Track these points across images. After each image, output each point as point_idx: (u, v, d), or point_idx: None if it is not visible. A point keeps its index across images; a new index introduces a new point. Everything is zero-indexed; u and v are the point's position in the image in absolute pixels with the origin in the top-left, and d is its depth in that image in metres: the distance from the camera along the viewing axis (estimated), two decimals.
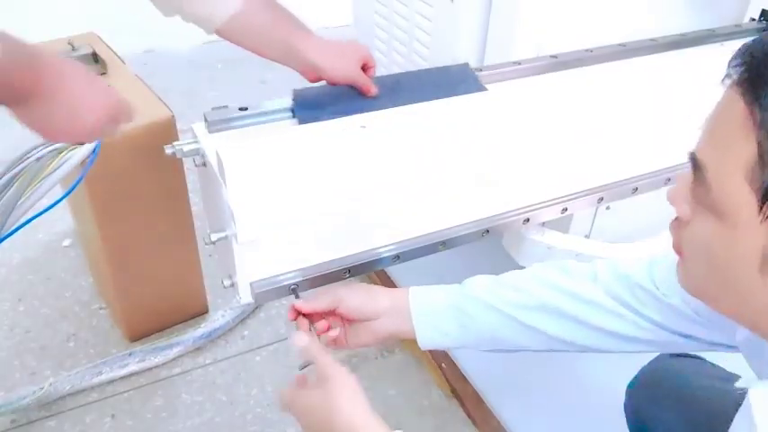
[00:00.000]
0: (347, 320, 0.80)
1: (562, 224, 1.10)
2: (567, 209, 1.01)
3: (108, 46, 1.35)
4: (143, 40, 2.59)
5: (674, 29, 1.15)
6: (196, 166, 0.84)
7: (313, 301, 0.78)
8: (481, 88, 0.97)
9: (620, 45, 1.08)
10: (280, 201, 0.78)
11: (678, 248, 0.54)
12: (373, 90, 0.89)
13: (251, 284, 0.83)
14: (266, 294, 0.83)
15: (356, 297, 0.79)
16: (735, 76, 0.46)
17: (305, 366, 0.71)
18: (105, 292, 1.43)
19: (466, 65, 1.01)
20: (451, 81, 0.99)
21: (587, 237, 1.13)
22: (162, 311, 1.37)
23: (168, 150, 0.83)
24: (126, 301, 1.32)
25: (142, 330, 1.36)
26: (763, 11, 1.22)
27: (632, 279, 0.74)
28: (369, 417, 0.61)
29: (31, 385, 1.22)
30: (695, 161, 0.49)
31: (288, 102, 0.88)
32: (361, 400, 0.62)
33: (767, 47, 0.45)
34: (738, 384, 0.51)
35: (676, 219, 0.53)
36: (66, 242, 1.62)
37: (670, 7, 1.20)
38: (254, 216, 0.76)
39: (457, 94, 0.96)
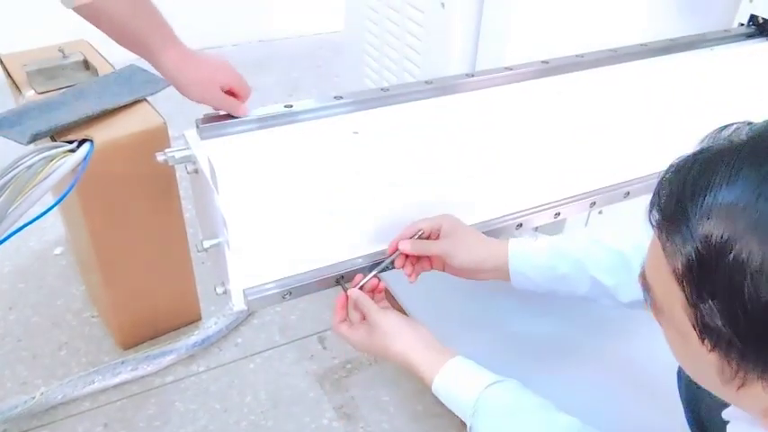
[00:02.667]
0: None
1: (555, 228, 1.11)
2: (559, 213, 1.02)
3: (99, 53, 1.34)
4: None
5: (664, 34, 1.15)
6: (188, 172, 0.84)
7: (422, 248, 0.83)
8: (166, 83, 1.05)
9: (610, 50, 1.08)
10: (272, 207, 0.78)
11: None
12: (241, 115, 0.83)
13: (244, 291, 0.82)
14: (259, 301, 0.83)
15: (465, 259, 0.83)
16: (654, 219, 0.48)
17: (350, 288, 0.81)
18: (97, 300, 1.42)
19: (132, 65, 1.20)
20: (134, 82, 1.18)
21: None
22: (154, 319, 1.36)
23: (160, 157, 0.83)
24: (118, 309, 1.31)
25: (135, 338, 1.35)
26: (752, 16, 1.23)
27: None
28: (416, 353, 0.75)
29: (22, 395, 1.21)
30: (644, 280, 0.51)
31: (280, 108, 0.88)
32: (407, 338, 0.76)
33: (673, 192, 0.46)
34: (724, 413, 0.53)
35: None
36: (58, 250, 1.61)
37: (660, 13, 1.21)
38: (246, 223, 0.76)
39: (145, 94, 1.15)
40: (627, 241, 0.82)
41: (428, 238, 0.84)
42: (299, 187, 0.79)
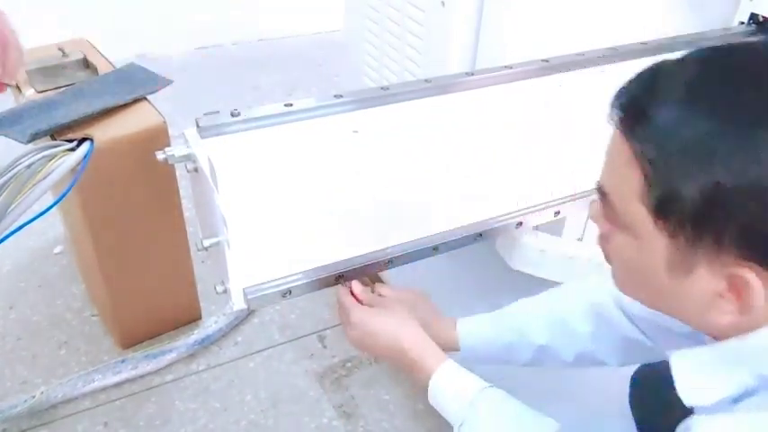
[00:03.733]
0: None
1: (555, 227, 1.11)
2: (559, 212, 1.02)
3: (99, 51, 1.34)
4: (135, 46, 2.58)
5: (665, 32, 1.15)
6: (188, 171, 0.83)
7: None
8: (165, 81, 1.15)
9: (610, 48, 1.08)
10: (272, 206, 0.78)
11: (607, 259, 0.63)
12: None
13: (244, 290, 0.82)
14: (259, 300, 0.83)
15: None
16: (615, 117, 0.55)
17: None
18: (97, 299, 1.42)
19: (132, 64, 1.22)
20: (134, 81, 1.18)
21: (580, 240, 1.14)
22: (154, 318, 1.36)
23: (160, 156, 0.83)
24: (118, 308, 1.31)
25: (135, 337, 1.35)
26: (752, 14, 1.23)
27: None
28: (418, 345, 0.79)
29: (22, 394, 1.21)
30: (601, 190, 0.58)
31: (280, 107, 0.88)
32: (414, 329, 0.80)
33: (633, 90, 0.54)
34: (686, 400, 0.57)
35: (600, 234, 0.62)
36: (58, 249, 1.61)
37: (660, 11, 1.21)
38: (246, 222, 0.76)
39: (145, 93, 1.15)
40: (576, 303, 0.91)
41: None
42: (298, 186, 0.79)
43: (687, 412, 0.55)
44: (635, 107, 0.53)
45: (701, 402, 0.53)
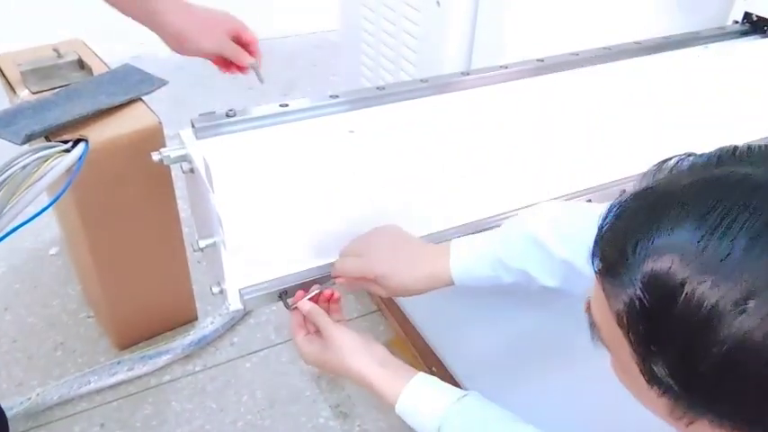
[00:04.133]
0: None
1: None
2: None
3: (94, 52, 1.34)
4: (130, 47, 2.58)
5: (659, 32, 1.16)
6: (183, 172, 0.83)
7: (347, 268, 0.76)
8: (161, 82, 1.19)
9: (605, 48, 1.08)
10: (268, 206, 0.78)
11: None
12: (245, 61, 0.85)
13: (240, 291, 0.82)
14: (255, 300, 0.82)
15: (397, 279, 0.74)
16: (596, 266, 0.45)
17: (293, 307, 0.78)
18: (93, 300, 1.42)
19: (127, 65, 1.24)
20: (129, 82, 1.19)
21: None
22: (150, 319, 1.36)
23: (155, 157, 0.83)
24: (114, 309, 1.31)
25: (131, 338, 1.35)
26: (746, 13, 1.23)
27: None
28: (372, 368, 0.70)
29: (18, 396, 1.21)
30: (590, 314, 0.49)
31: (276, 107, 0.88)
32: (363, 355, 0.71)
33: (612, 240, 0.44)
34: None
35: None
36: (53, 250, 1.61)
37: (654, 11, 1.21)
38: (242, 222, 0.76)
39: (140, 94, 1.17)
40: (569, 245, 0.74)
41: None
42: (294, 187, 0.78)
43: None
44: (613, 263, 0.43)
45: None
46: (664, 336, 0.40)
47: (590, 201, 1.04)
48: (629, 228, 0.43)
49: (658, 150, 0.56)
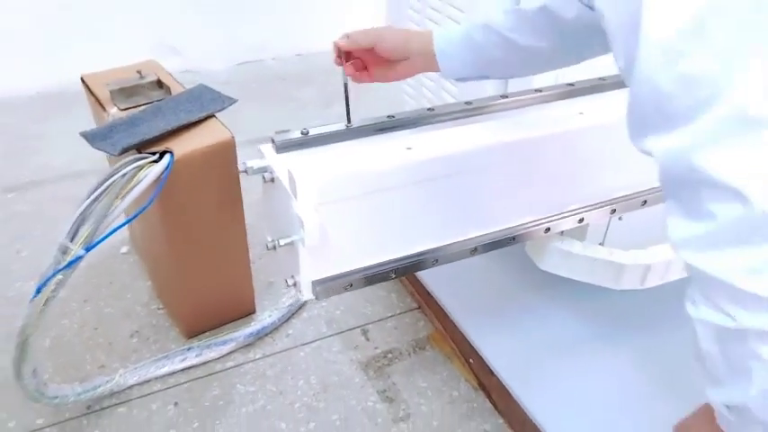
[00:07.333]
0: (388, 63, 0.98)
1: (579, 233, 1.24)
2: (583, 219, 1.15)
3: (168, 73, 1.50)
4: (183, 62, 2.76)
5: None
6: (265, 181, 0.98)
7: (353, 40, 0.96)
8: (230, 100, 1.34)
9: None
10: (338, 211, 0.92)
11: None
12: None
13: (312, 282, 0.97)
14: (325, 291, 0.97)
15: (393, 39, 0.96)
16: None
17: None
18: (164, 293, 1.58)
19: (200, 85, 1.41)
20: (204, 100, 1.36)
21: (601, 244, 1.26)
22: (216, 311, 1.52)
23: (241, 168, 0.98)
24: (186, 303, 1.46)
25: (198, 328, 1.51)
26: None
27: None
28: None
29: (101, 377, 1.37)
30: None
31: (341, 126, 1.03)
32: None
33: None
34: None
35: None
36: (124, 249, 1.78)
37: None
38: (318, 224, 0.91)
39: (213, 110, 1.32)
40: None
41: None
42: (360, 195, 0.93)
43: None
44: None
45: None
46: None
47: (614, 210, 1.17)
48: None
49: None
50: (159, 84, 1.46)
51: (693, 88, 0.48)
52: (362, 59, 1.00)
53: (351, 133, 1.03)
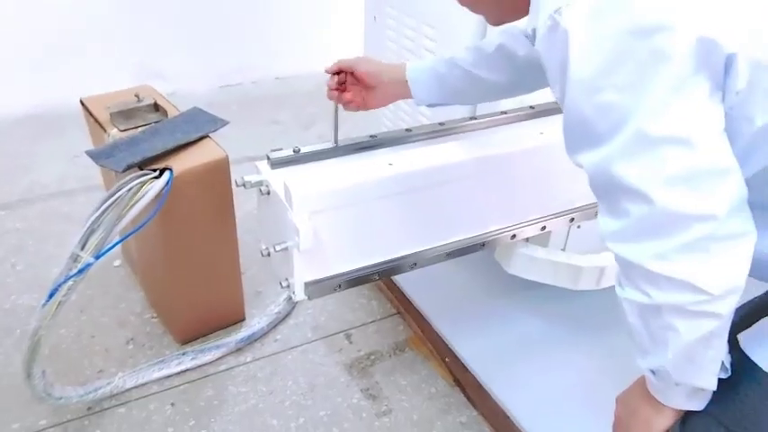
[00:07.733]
0: (366, 87, 1.13)
1: (542, 239, 1.37)
2: (545, 227, 1.28)
3: (163, 96, 1.61)
4: (165, 85, 2.86)
5: None
6: (261, 194, 1.10)
7: (338, 61, 1.14)
8: (223, 122, 1.47)
9: None
10: (330, 219, 1.04)
11: None
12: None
13: (305, 284, 1.08)
14: (317, 291, 1.09)
15: (368, 65, 1.12)
16: None
17: None
18: (158, 303, 1.67)
19: (195, 108, 1.52)
20: (198, 122, 1.47)
21: (563, 249, 1.40)
22: (208, 319, 1.61)
23: (239, 182, 1.10)
24: (179, 311, 1.56)
25: (191, 335, 1.60)
26: None
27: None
28: None
29: (99, 381, 1.45)
30: None
31: (329, 145, 1.15)
32: None
33: None
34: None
35: None
36: (117, 262, 1.87)
37: None
38: (311, 231, 1.02)
39: (208, 131, 1.44)
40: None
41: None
42: (348, 205, 1.05)
43: None
44: None
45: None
46: None
47: (573, 219, 1.31)
48: None
49: None
50: (156, 107, 1.57)
51: (608, 114, 0.62)
52: (345, 83, 1.14)
53: (338, 151, 1.16)
